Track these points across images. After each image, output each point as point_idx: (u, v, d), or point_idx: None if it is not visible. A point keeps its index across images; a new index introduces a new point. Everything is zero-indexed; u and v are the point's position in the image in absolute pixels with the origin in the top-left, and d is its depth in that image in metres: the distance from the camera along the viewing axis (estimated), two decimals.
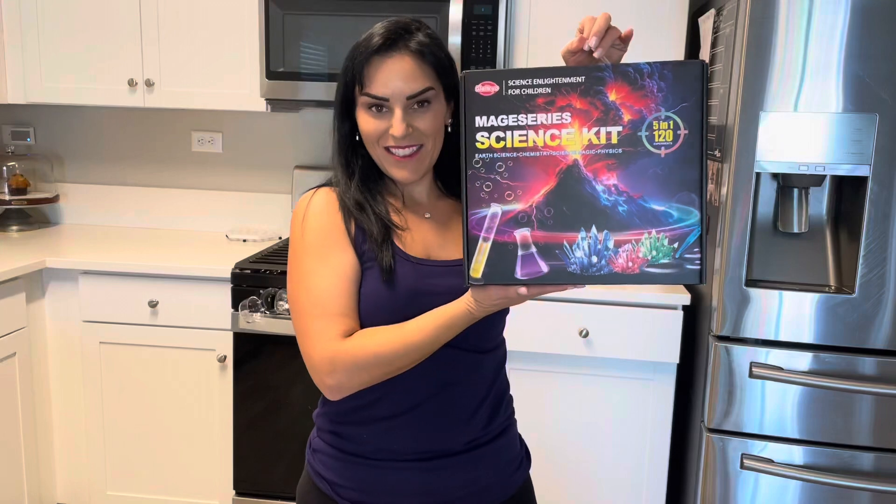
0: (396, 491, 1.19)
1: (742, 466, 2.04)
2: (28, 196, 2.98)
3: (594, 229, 0.96)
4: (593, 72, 0.96)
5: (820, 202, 2.08)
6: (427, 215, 1.22)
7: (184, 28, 2.60)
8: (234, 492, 2.49)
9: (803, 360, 1.99)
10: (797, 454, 2.02)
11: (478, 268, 0.98)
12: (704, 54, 2.30)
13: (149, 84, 2.63)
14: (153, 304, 2.42)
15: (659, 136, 0.96)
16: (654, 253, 0.96)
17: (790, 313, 1.98)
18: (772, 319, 1.99)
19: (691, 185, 0.96)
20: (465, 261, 0.98)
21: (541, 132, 0.96)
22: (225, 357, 2.42)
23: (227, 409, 2.46)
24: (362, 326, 1.15)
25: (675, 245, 0.96)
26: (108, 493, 2.57)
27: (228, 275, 2.37)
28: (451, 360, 1.16)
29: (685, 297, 2.21)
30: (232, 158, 3.03)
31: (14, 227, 2.96)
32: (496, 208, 0.97)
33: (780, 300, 1.98)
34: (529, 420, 2.34)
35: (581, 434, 2.33)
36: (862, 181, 1.92)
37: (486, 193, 0.97)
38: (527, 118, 0.96)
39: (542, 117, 0.96)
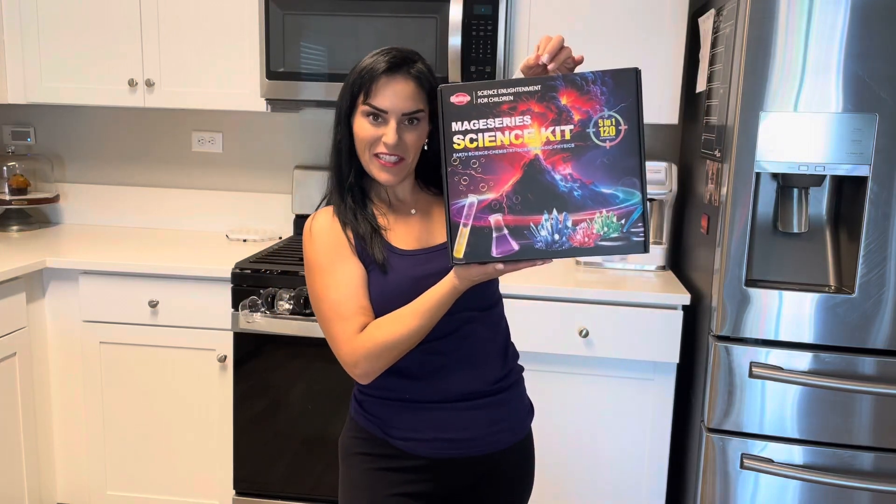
0: (438, 427, 1.38)
1: (742, 466, 2.04)
2: (28, 196, 2.98)
3: (555, 211, 1.16)
4: (547, 81, 1.15)
5: (820, 202, 2.08)
6: (413, 211, 1.43)
7: (184, 28, 2.60)
8: (234, 492, 2.49)
9: (803, 360, 1.99)
10: (797, 454, 2.02)
11: (460, 249, 1.17)
12: (704, 54, 2.30)
13: (149, 84, 2.63)
14: (153, 304, 2.42)
15: (604, 131, 1.15)
16: (605, 229, 1.16)
17: (790, 313, 1.98)
18: (772, 319, 2.00)
19: (633, 171, 1.16)
20: (449, 245, 1.17)
21: (507, 133, 1.15)
22: (225, 357, 2.42)
23: (227, 409, 2.46)
24: (378, 317, 1.33)
25: (623, 221, 1.16)
26: (108, 493, 2.57)
27: (228, 275, 2.37)
28: (461, 321, 1.37)
29: (685, 297, 2.21)
30: (232, 158, 3.03)
31: (14, 227, 2.96)
32: (472, 198, 1.16)
33: (780, 300, 1.98)
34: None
35: (581, 434, 2.33)
36: (862, 181, 1.92)
37: (463, 186, 1.16)
38: (494, 122, 1.15)
39: (507, 120, 1.15)
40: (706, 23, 2.30)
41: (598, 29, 2.42)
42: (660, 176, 2.46)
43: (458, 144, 1.15)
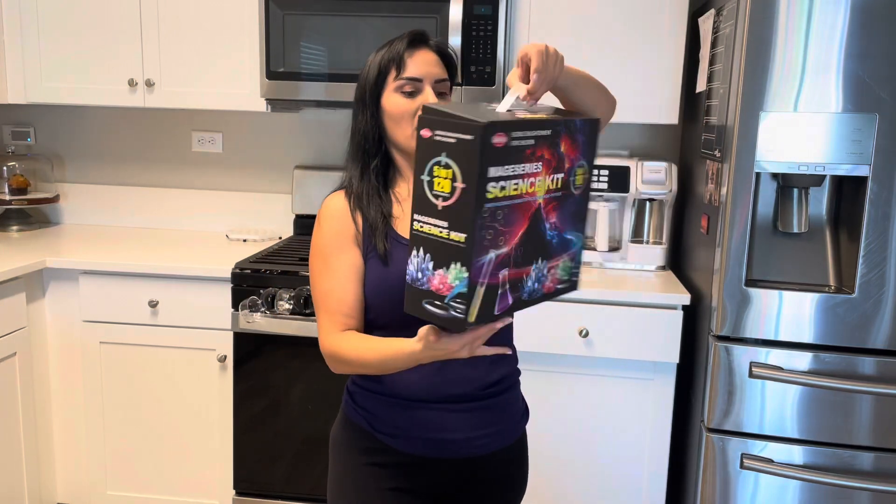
0: (424, 426, 1.36)
1: (742, 466, 2.04)
2: (28, 196, 2.98)
3: (541, 261, 1.12)
4: (556, 126, 1.08)
5: (820, 202, 2.08)
6: None
7: (184, 28, 2.60)
8: (234, 492, 2.49)
9: (803, 360, 1.99)
10: (797, 454, 2.02)
11: (473, 311, 1.03)
12: (704, 54, 2.30)
13: (149, 84, 2.64)
14: (153, 304, 2.42)
15: (577, 180, 1.14)
16: (562, 273, 1.17)
17: (790, 313, 1.98)
18: (772, 319, 2.00)
19: (584, 215, 1.19)
20: (465, 308, 1.02)
21: (525, 180, 1.05)
22: (225, 357, 2.42)
23: (227, 409, 2.46)
24: (369, 309, 1.34)
25: (572, 264, 1.18)
26: (108, 493, 2.57)
27: (228, 275, 2.37)
28: None
29: (685, 297, 2.21)
30: (232, 158, 3.03)
31: (14, 227, 2.96)
32: (492, 254, 1.03)
33: (780, 300, 1.98)
34: (529, 420, 2.34)
35: (581, 434, 2.33)
36: (862, 181, 1.92)
37: (487, 241, 1.02)
38: (519, 168, 1.03)
39: (528, 167, 1.05)
40: (706, 23, 2.30)
41: (598, 29, 2.42)
42: (660, 176, 2.46)
43: (491, 194, 0.99)
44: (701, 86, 2.34)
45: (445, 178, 1.00)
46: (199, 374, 2.46)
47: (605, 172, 2.48)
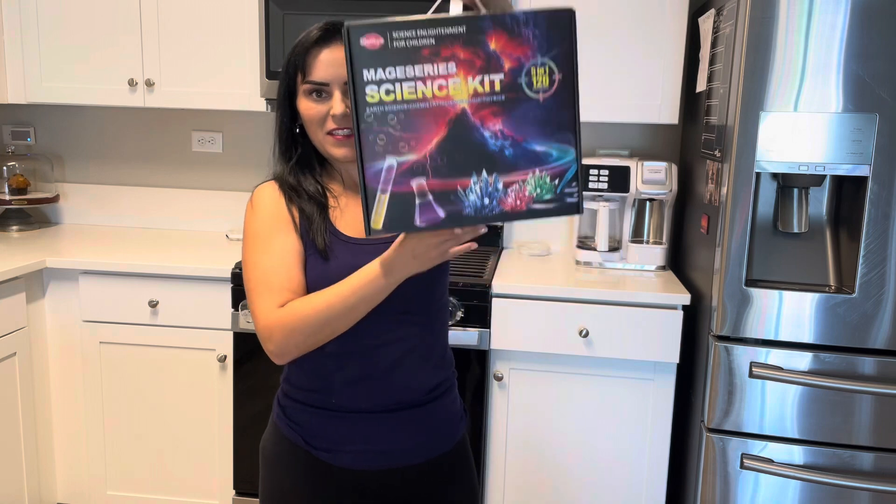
0: (363, 438, 1.31)
1: (742, 466, 2.04)
2: (28, 196, 2.98)
3: (485, 173, 1.02)
4: (474, 21, 0.99)
5: (820, 202, 2.08)
6: None
7: (184, 28, 2.60)
8: (234, 492, 2.49)
9: (803, 360, 1.99)
10: (797, 454, 2.02)
11: (378, 219, 1.01)
12: (704, 54, 2.30)
13: (149, 84, 2.64)
14: (153, 304, 2.42)
15: (537, 81, 1.02)
16: (538, 190, 1.05)
17: (790, 313, 1.98)
18: (772, 319, 2.00)
19: (567, 126, 1.04)
20: (365, 214, 1.01)
21: (429, 83, 0.99)
22: (225, 357, 2.42)
23: (227, 409, 2.46)
24: None
25: (556, 181, 1.05)
26: (108, 493, 2.57)
27: (228, 275, 2.37)
28: (398, 324, 1.29)
29: (685, 297, 2.21)
30: (232, 158, 3.03)
31: (14, 227, 2.96)
32: (391, 160, 1.00)
33: (780, 300, 1.98)
34: (529, 420, 2.34)
35: (581, 434, 2.33)
36: (862, 181, 1.92)
37: (380, 147, 0.99)
38: (414, 70, 0.98)
39: (429, 68, 0.98)
40: (706, 23, 2.30)
41: (598, 29, 2.42)
42: (660, 176, 2.46)
43: (372, 97, 0.98)
44: (701, 86, 2.35)
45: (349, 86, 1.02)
46: (199, 374, 2.46)
47: (606, 172, 2.48)
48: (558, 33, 1.01)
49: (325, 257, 1.25)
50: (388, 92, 0.98)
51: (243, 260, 1.29)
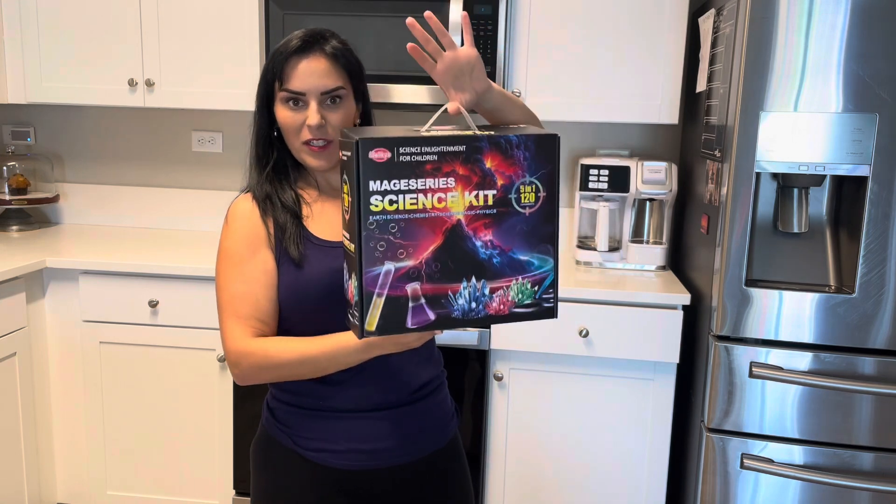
0: (353, 437, 1.32)
1: (742, 466, 2.04)
2: (28, 196, 2.98)
3: (474, 279, 1.10)
4: (473, 142, 1.08)
5: (820, 202, 2.08)
6: None
7: (184, 28, 2.60)
8: (234, 492, 2.49)
9: (803, 360, 1.99)
10: (797, 454, 2.02)
11: (372, 321, 1.07)
12: (704, 54, 2.30)
13: (149, 84, 2.64)
14: (153, 304, 2.42)
15: (524, 198, 1.12)
16: (520, 296, 1.13)
17: (790, 313, 1.98)
18: (772, 319, 2.00)
19: (548, 238, 1.13)
20: (360, 316, 1.06)
21: (429, 195, 1.07)
22: (225, 357, 2.41)
23: (227, 409, 2.46)
24: (285, 318, 1.29)
25: (536, 288, 1.14)
26: (108, 493, 2.57)
27: None
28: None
29: (685, 297, 2.21)
30: (232, 158, 3.03)
31: (14, 227, 2.96)
32: (389, 266, 1.06)
33: (780, 300, 1.98)
34: (529, 420, 2.34)
35: (581, 434, 2.33)
36: (862, 181, 1.92)
37: (380, 253, 1.06)
38: (417, 183, 1.06)
39: (430, 182, 1.07)
40: (706, 23, 2.30)
41: (599, 29, 2.42)
42: (660, 176, 2.46)
43: (376, 206, 1.04)
44: (701, 86, 2.35)
45: (346, 193, 1.09)
46: (199, 374, 2.46)
47: (605, 172, 2.48)
48: (545, 156, 1.11)
49: (299, 265, 1.27)
50: (391, 202, 1.05)
51: (216, 275, 1.32)
